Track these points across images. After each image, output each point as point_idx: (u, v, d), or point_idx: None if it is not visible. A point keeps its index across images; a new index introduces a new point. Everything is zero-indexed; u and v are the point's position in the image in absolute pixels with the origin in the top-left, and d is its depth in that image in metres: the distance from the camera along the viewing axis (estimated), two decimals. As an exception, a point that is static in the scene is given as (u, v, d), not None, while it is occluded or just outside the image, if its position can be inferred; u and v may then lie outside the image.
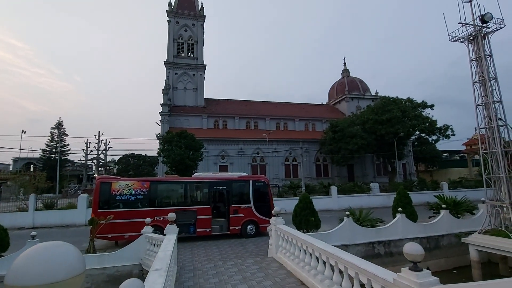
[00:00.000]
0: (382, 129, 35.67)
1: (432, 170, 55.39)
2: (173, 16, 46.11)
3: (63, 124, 47.21)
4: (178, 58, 45.51)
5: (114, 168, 61.83)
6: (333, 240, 11.56)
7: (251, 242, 13.08)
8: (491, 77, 12.31)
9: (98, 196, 13.11)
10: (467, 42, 13.06)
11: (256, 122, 46.08)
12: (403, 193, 14.15)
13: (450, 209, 14.52)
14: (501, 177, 11.60)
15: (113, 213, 12.29)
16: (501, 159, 11.59)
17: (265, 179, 15.54)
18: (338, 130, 37.46)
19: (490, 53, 12.56)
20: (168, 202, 14.09)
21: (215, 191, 14.87)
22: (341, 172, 43.91)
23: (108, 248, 12.80)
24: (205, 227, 13.64)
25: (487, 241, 11.44)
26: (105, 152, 47.88)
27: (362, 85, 54.49)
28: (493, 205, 11.95)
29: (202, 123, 42.87)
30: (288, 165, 43.01)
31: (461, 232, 13.52)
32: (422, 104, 38.81)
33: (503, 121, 12.11)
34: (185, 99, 44.32)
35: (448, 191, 27.47)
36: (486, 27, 12.54)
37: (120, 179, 13.97)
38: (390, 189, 29.65)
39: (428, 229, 13.60)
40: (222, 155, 40.23)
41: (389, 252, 12.73)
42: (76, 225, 19.87)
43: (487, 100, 12.23)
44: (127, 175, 49.60)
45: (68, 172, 53.26)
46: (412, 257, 3.35)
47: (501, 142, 11.78)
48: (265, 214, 13.92)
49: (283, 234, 8.65)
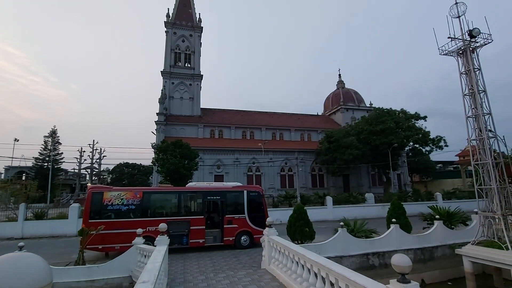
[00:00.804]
0: (377, 139, 36.03)
1: (427, 181, 55.67)
2: (171, 27, 46.74)
3: (57, 132, 46.81)
4: (175, 68, 45.89)
5: (108, 177, 61.12)
6: (328, 251, 11.48)
7: (245, 253, 12.90)
8: (480, 90, 12.59)
9: (89, 206, 12.90)
10: (456, 56, 13.40)
11: (252, 132, 46.23)
12: (397, 203, 14.16)
13: (444, 220, 14.54)
14: (493, 188, 11.70)
15: (105, 224, 12.08)
16: (492, 170, 11.72)
17: (260, 189, 15.45)
18: (333, 141, 37.70)
19: (479, 67, 12.88)
20: (161, 212, 13.91)
21: (209, 201, 14.73)
22: (336, 183, 43.94)
23: (98, 259, 12.53)
24: (198, 238, 13.44)
25: (480, 253, 11.43)
26: (99, 161, 47.45)
27: (356, 97, 55.23)
28: (486, 216, 12.01)
29: (198, 133, 42.88)
30: (283, 175, 42.96)
31: (455, 243, 13.52)
32: (415, 116, 39.43)
33: (493, 133, 12.32)
34: (181, 109, 44.45)
35: (442, 201, 27.57)
36: (475, 41, 12.91)
37: (112, 189, 13.81)
38: (385, 199, 29.66)
39: (422, 240, 13.57)
40: (218, 165, 40.10)
41: (384, 264, 12.63)
42: (66, 235, 19.48)
43: (477, 112, 12.47)
44: (121, 185, 48.98)
45: (61, 181, 52.48)
46: (400, 268, 3.34)
47: (491, 153, 11.95)
48: (259, 225, 13.79)
49: (275, 245, 8.57)
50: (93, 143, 46.33)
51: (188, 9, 50.06)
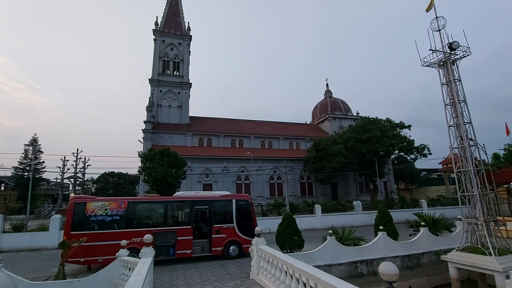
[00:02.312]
0: (363, 147, 36.67)
1: (412, 188, 56.87)
2: (159, 35, 46.66)
3: (38, 141, 45.25)
4: (163, 75, 45.64)
5: (92, 187, 59.30)
6: (317, 260, 11.42)
7: (233, 263, 12.69)
8: (460, 99, 13.07)
9: (71, 217, 12.42)
10: (438, 67, 13.92)
11: (241, 140, 46.17)
12: (383, 211, 14.33)
13: (429, 227, 14.80)
14: (475, 195, 12.04)
15: (87, 235, 11.64)
16: (473, 177, 12.08)
17: (248, 198, 15.33)
18: (321, 149, 38.10)
19: (459, 78, 13.41)
20: (147, 222, 13.55)
21: (196, 211, 14.48)
22: (325, 191, 44.20)
23: (80, 273, 12.00)
24: (185, 249, 13.13)
25: (465, 259, 11.64)
26: (83, 170, 46.13)
27: (344, 106, 56.32)
28: (469, 223, 12.29)
29: (186, 141, 42.46)
30: (272, 184, 42.90)
31: (440, 249, 13.76)
32: (400, 125, 40.59)
33: (473, 141, 12.75)
34: (169, 117, 44.03)
35: (427, 208, 28.16)
36: (454, 54, 13.47)
37: (96, 199, 13.37)
38: (372, 207, 30.00)
39: (409, 247, 13.74)
40: (206, 173, 39.69)
41: (372, 272, 12.66)
42: (47, 248, 18.68)
43: (458, 121, 12.90)
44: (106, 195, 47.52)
45: (42, 191, 50.50)
46: (387, 277, 3.34)
47: (473, 161, 12.33)
48: (248, 234, 13.62)
49: (264, 255, 8.46)
50: (77, 152, 45.18)
51: (177, 18, 50.23)
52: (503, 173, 18.10)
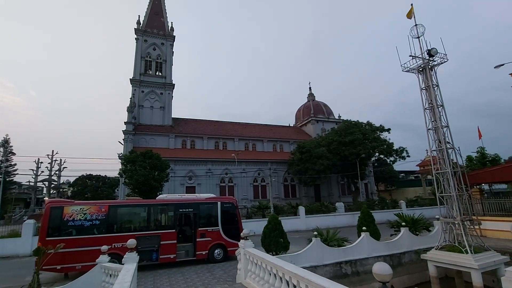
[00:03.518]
0: (346, 150, 37.49)
1: (391, 190, 58.74)
2: (141, 34, 45.61)
3: (10, 142, 42.82)
4: (146, 76, 44.59)
5: (68, 191, 56.75)
6: (302, 261, 11.46)
7: (218, 267, 12.51)
8: (438, 104, 13.64)
9: (47, 222, 11.79)
10: (417, 72, 14.46)
11: (225, 142, 45.86)
12: (366, 212, 14.64)
13: (409, 227, 15.28)
14: (452, 195, 12.56)
15: (65, 241, 11.06)
16: (451, 178, 12.61)
17: (234, 200, 15.20)
18: (305, 151, 38.55)
19: (437, 83, 13.99)
20: (129, 227, 13.09)
21: (180, 214, 14.18)
22: (308, 192, 44.71)
23: (56, 281, 11.40)
24: (169, 253, 12.80)
25: (443, 257, 12.09)
26: (58, 173, 44.06)
27: (326, 109, 57.37)
28: (447, 222, 12.80)
29: (169, 143, 41.61)
30: (256, 186, 42.87)
31: (420, 248, 14.22)
32: (380, 128, 41.88)
33: (450, 144, 13.33)
34: (151, 118, 43.02)
35: (406, 209, 29.13)
36: (433, 60, 14.05)
37: (74, 203, 12.79)
38: (355, 208, 30.69)
39: (391, 247, 14.11)
40: (190, 176, 39.06)
41: (356, 272, 12.89)
42: (19, 256, 17.63)
43: (436, 125, 13.45)
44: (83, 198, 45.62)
45: (14, 195, 47.70)
46: (380, 277, 3.39)
47: (450, 163, 12.88)
48: (233, 237, 13.50)
49: (252, 258, 8.38)
50: (52, 154, 43.16)
51: (160, 18, 49.34)
52: (476, 175, 19.04)
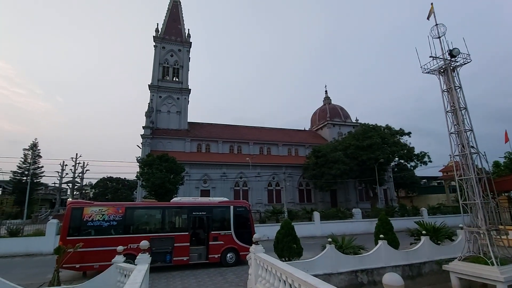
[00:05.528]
0: (364, 154, 36.55)
1: (412, 196, 56.57)
2: (159, 42, 46.97)
3: (38, 145, 45.14)
4: (163, 81, 45.79)
5: (90, 192, 58.98)
6: (316, 268, 11.20)
7: (231, 271, 12.47)
8: (461, 107, 13.03)
9: (68, 222, 12.25)
10: (438, 74, 13.90)
11: (239, 146, 46.07)
12: (384, 219, 14.14)
13: (430, 236, 14.60)
14: (477, 203, 11.89)
15: (84, 241, 11.47)
16: (475, 185, 11.95)
17: (247, 204, 15.15)
18: (321, 155, 37.99)
19: (459, 85, 13.38)
20: (144, 228, 13.35)
21: (194, 217, 14.30)
22: (324, 198, 43.94)
23: (75, 279, 11.75)
24: (182, 256, 12.91)
25: (466, 268, 11.43)
26: (81, 175, 45.84)
27: (343, 112, 56.40)
28: (471, 231, 12.12)
29: (185, 147, 42.36)
30: (271, 190, 42.66)
31: (442, 259, 13.51)
32: (400, 132, 40.58)
33: (475, 149, 12.66)
34: (168, 122, 44.02)
35: (427, 217, 27.94)
36: (455, 61, 13.48)
37: (93, 204, 13.22)
38: (372, 215, 29.76)
39: (410, 256, 13.50)
40: (205, 179, 39.48)
41: (373, 281, 12.42)
42: (43, 254, 18.36)
43: (459, 128, 12.83)
44: (104, 200, 47.35)
45: (40, 196, 50.16)
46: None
47: (474, 169, 12.21)
48: (245, 241, 13.43)
49: (262, 263, 8.27)
50: (76, 157, 44.91)
51: (178, 25, 50.64)
52: (504, 182, 17.94)
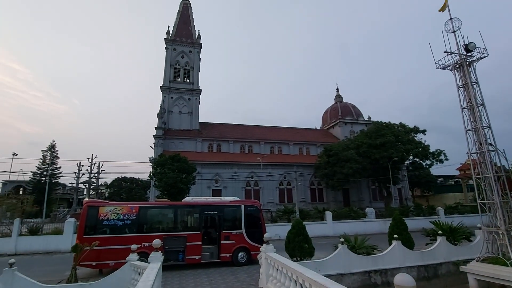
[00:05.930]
0: (377, 153, 35.83)
1: (428, 195, 55.13)
2: (171, 44, 47.60)
3: (56, 147, 46.66)
4: (174, 83, 46.39)
5: (106, 192, 60.53)
6: (328, 268, 11.11)
7: (242, 270, 12.53)
8: (478, 103, 12.60)
9: (84, 221, 12.63)
10: (453, 70, 13.50)
11: (250, 146, 46.14)
12: (398, 219, 13.86)
13: (447, 236, 14.20)
14: (495, 202, 11.49)
15: (99, 239, 11.81)
16: (494, 184, 11.54)
17: (258, 204, 15.18)
18: (332, 154, 37.54)
19: (476, 80, 12.95)
20: (157, 227, 13.60)
21: (206, 216, 14.44)
22: (336, 197, 43.43)
23: (91, 277, 12.11)
24: (194, 254, 13.07)
25: (485, 270, 11.06)
26: (97, 175, 47.08)
27: (355, 110, 55.53)
28: (490, 232, 11.72)
29: (196, 147, 42.79)
30: (282, 190, 42.52)
31: (459, 259, 13.13)
32: (414, 129, 39.47)
33: (493, 146, 12.22)
34: (180, 123, 44.58)
35: (444, 216, 27.19)
36: (471, 55, 13.05)
37: (108, 203, 13.56)
38: (386, 214, 29.19)
39: (425, 257, 13.18)
40: (216, 179, 39.76)
41: (386, 282, 12.19)
42: (61, 251, 19.01)
43: (476, 125, 12.42)
44: (119, 199, 48.55)
45: (58, 196, 51.88)
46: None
47: (493, 167, 11.80)
48: (257, 241, 13.45)
49: (273, 263, 8.28)
50: (92, 158, 46.22)
51: (188, 26, 51.15)
52: (525, 180, 17.24)
